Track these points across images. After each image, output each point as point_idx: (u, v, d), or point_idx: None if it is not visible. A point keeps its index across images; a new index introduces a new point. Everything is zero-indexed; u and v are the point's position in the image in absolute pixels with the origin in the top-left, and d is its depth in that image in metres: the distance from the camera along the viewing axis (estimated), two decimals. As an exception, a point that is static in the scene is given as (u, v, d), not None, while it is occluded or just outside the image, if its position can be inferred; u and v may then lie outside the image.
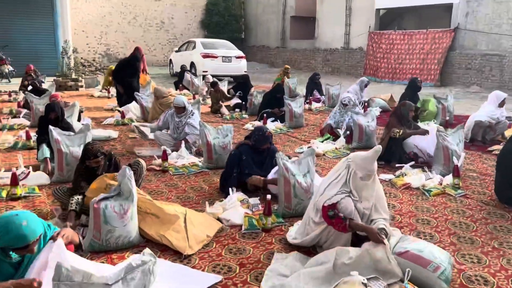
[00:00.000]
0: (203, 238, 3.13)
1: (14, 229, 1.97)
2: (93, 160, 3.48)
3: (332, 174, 2.92)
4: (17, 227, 1.97)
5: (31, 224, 2.03)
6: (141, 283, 1.83)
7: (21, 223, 1.98)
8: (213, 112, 9.05)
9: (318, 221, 2.87)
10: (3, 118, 7.50)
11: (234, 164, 4.13)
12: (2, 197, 3.95)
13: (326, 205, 2.74)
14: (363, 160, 2.77)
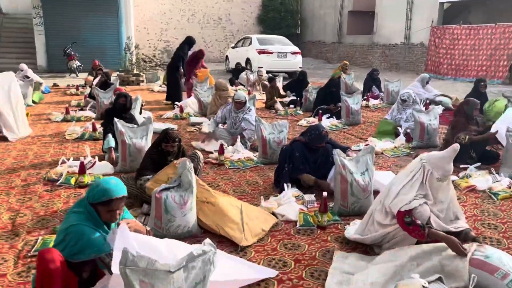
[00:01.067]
0: (258, 231, 3.16)
1: (102, 184, 2.23)
2: (170, 144, 3.66)
3: (404, 175, 2.79)
4: (106, 182, 2.25)
5: (119, 183, 2.27)
6: (201, 272, 1.88)
7: (109, 181, 2.26)
8: (267, 107, 9.08)
9: (385, 223, 2.78)
10: (71, 110, 7.97)
11: (285, 159, 4.13)
12: (71, 184, 4.21)
13: (403, 210, 2.61)
14: (440, 160, 2.66)
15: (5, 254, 2.87)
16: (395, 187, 2.76)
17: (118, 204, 2.24)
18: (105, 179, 2.32)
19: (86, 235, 2.17)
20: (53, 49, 15.70)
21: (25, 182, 4.32)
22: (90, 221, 2.23)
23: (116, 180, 2.30)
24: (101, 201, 2.20)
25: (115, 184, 2.25)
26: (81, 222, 2.19)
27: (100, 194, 2.20)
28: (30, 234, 3.16)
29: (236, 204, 3.33)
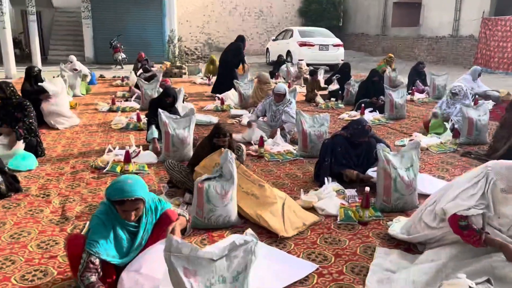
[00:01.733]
0: (299, 225, 3.16)
1: (119, 182, 2.18)
2: (222, 138, 3.70)
3: (465, 180, 2.61)
4: (123, 181, 2.18)
5: (135, 185, 2.17)
6: (243, 261, 1.90)
7: (127, 180, 2.19)
8: (307, 100, 8.99)
9: (433, 226, 2.67)
10: (117, 101, 8.23)
11: (326, 153, 4.08)
12: (117, 172, 4.35)
13: (459, 214, 2.46)
14: (508, 169, 2.41)
15: (56, 236, 3.01)
16: (453, 190, 2.60)
17: (131, 206, 2.17)
18: (124, 177, 2.23)
19: (93, 226, 2.19)
20: (100, 42, 16.28)
21: (74, 169, 4.51)
22: (110, 215, 2.23)
23: (133, 181, 2.20)
24: (114, 200, 2.17)
25: (130, 185, 2.15)
26: (99, 214, 2.22)
27: (114, 193, 2.15)
28: (78, 219, 3.30)
29: (280, 195, 3.34)
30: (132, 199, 2.14)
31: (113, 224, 2.23)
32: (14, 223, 3.21)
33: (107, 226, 2.21)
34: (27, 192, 3.80)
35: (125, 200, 2.13)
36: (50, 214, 3.39)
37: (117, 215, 2.23)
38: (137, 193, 2.16)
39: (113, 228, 2.24)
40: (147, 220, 2.34)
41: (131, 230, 2.29)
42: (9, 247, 2.84)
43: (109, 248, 2.19)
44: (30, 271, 2.56)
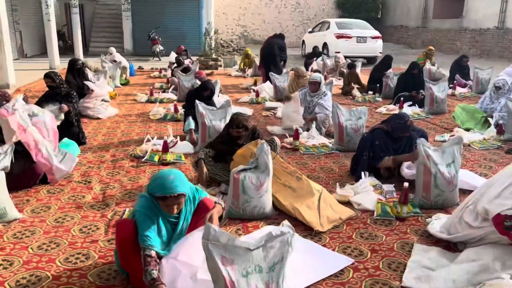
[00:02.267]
0: (335, 219, 3.13)
1: (161, 178, 2.21)
2: (235, 129, 3.71)
3: (506, 176, 2.52)
4: (164, 177, 2.21)
5: (176, 181, 2.20)
6: (279, 252, 1.91)
7: (169, 176, 2.21)
8: (343, 94, 8.86)
9: (475, 225, 2.58)
10: (155, 92, 8.40)
11: (365, 148, 3.99)
12: (155, 162, 4.45)
13: (503, 214, 2.38)
14: None
15: (97, 222, 3.12)
16: (494, 188, 2.50)
17: (173, 201, 2.22)
18: (165, 172, 2.25)
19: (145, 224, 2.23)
20: (138, 34, 16.63)
21: (114, 157, 4.65)
22: (152, 208, 2.28)
23: (175, 176, 2.22)
24: (157, 196, 2.21)
25: (172, 181, 2.18)
26: (143, 209, 2.26)
27: (157, 189, 2.19)
28: (118, 205, 3.41)
29: (317, 189, 3.32)
30: (174, 195, 2.19)
31: (156, 216, 2.29)
32: (58, 207, 3.35)
33: (152, 218, 2.26)
34: (70, 178, 3.95)
35: (168, 196, 2.18)
36: (92, 200, 3.52)
37: (159, 207, 2.29)
38: (179, 189, 2.20)
39: (156, 220, 2.29)
40: (186, 210, 2.39)
41: (172, 221, 2.35)
42: (54, 230, 2.97)
43: (158, 241, 2.26)
44: (73, 254, 2.66)
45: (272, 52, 9.19)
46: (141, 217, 2.25)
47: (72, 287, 2.33)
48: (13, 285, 2.33)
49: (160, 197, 2.20)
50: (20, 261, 2.57)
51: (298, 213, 3.09)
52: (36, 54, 17.02)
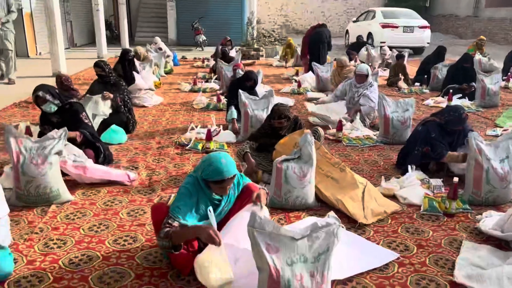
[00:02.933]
0: (379, 212, 3.07)
1: (215, 163, 2.26)
2: (277, 120, 3.70)
3: None
4: (217, 162, 2.26)
5: (229, 164, 2.28)
6: (325, 243, 1.89)
7: (221, 159, 2.28)
8: (388, 85, 8.62)
9: None
10: (198, 81, 8.51)
11: (420, 141, 3.84)
12: (198, 150, 4.53)
13: None
14: None
15: (144, 206, 3.22)
16: None
17: (229, 183, 2.30)
18: (216, 157, 2.29)
19: (179, 194, 2.32)
20: (182, 24, 16.86)
21: (159, 144, 4.77)
22: (197, 187, 2.34)
23: (226, 159, 2.29)
24: (214, 180, 2.27)
25: (226, 164, 2.25)
26: (187, 185, 2.34)
27: (213, 174, 2.24)
28: (164, 191, 3.50)
29: (361, 181, 3.26)
30: (231, 177, 2.27)
31: (198, 195, 2.34)
32: (107, 191, 3.48)
33: (192, 196, 2.33)
34: (118, 164, 4.09)
35: (225, 179, 2.26)
36: (139, 185, 3.63)
37: (204, 187, 2.34)
38: (233, 171, 2.28)
39: (197, 199, 2.35)
40: (229, 193, 2.44)
41: (215, 202, 2.39)
42: (103, 213, 3.10)
43: (190, 216, 2.30)
44: (122, 236, 2.77)
45: (322, 40, 9.05)
46: (182, 191, 2.33)
47: (121, 268, 2.42)
48: (66, 263, 2.45)
49: (217, 181, 2.28)
50: (73, 241, 2.70)
51: (341, 205, 3.05)
52: (85, 44, 17.65)
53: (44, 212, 3.07)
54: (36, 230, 2.82)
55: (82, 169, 3.49)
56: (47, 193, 3.16)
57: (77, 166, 3.48)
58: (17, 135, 3.18)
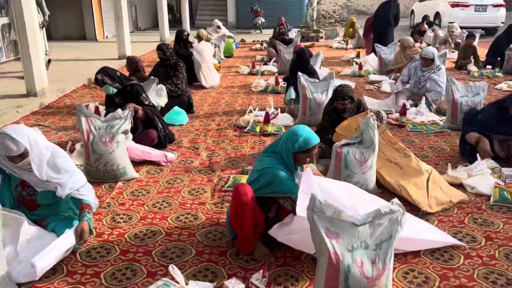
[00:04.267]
0: (444, 201, 2.92)
1: (303, 133, 2.36)
2: (340, 102, 3.61)
3: None
4: (304, 131, 2.37)
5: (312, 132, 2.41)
6: (387, 230, 1.83)
7: (305, 128, 2.41)
8: (457, 68, 8.12)
9: None
10: (256, 64, 8.52)
11: (466, 121, 3.67)
12: (256, 132, 4.55)
13: None
14: None
15: (204, 186, 3.31)
16: None
17: (316, 148, 2.40)
18: (299, 128, 2.41)
19: (280, 176, 2.32)
20: (241, 7, 16.90)
21: (219, 126, 4.85)
22: (282, 165, 2.37)
23: (308, 128, 2.42)
24: (305, 149, 2.34)
25: (311, 132, 2.40)
26: (275, 166, 2.35)
27: (305, 143, 2.33)
28: (223, 172, 3.56)
29: (426, 168, 3.12)
30: (318, 143, 2.38)
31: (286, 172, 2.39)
32: (169, 170, 3.61)
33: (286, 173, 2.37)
34: (179, 144, 4.22)
35: (314, 146, 2.36)
36: (199, 165, 3.72)
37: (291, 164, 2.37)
38: (318, 136, 2.41)
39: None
40: None
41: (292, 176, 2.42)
42: (166, 191, 3.22)
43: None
44: (183, 214, 2.86)
45: (388, 20, 8.66)
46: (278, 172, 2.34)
47: (183, 244, 2.51)
48: (131, 237, 2.58)
49: (309, 150, 2.35)
50: (138, 217, 2.83)
51: (405, 191, 2.94)
52: (148, 27, 18.25)
53: (111, 188, 3.25)
54: (104, 205, 2.99)
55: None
56: (114, 170, 3.33)
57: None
58: (88, 115, 3.37)
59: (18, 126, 2.34)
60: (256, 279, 2.12)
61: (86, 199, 2.44)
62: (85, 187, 2.47)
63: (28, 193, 2.40)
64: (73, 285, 2.13)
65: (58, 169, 2.35)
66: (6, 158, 2.25)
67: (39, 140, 2.32)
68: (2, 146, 2.19)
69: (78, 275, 2.21)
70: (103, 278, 2.18)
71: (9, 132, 2.19)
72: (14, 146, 2.19)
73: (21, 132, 2.23)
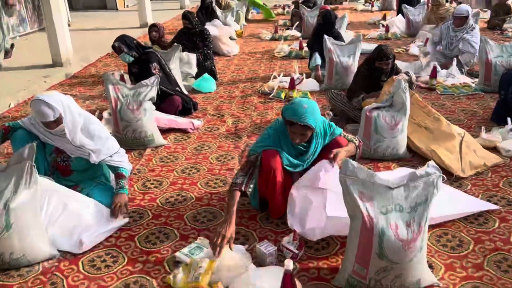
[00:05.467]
0: (479, 164, 2.85)
1: (296, 104, 2.20)
2: (384, 62, 3.49)
3: None
4: (299, 104, 2.19)
5: (308, 112, 2.15)
6: (423, 193, 1.79)
7: (303, 104, 2.19)
8: (490, 28, 7.76)
9: None
10: (279, 29, 8.33)
11: (502, 85, 3.49)
12: (281, 98, 4.50)
13: None
14: None
15: (231, 152, 3.31)
16: None
17: (298, 130, 2.18)
18: (302, 100, 2.22)
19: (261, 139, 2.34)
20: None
21: (243, 93, 4.81)
22: (282, 130, 2.31)
23: (309, 106, 2.17)
24: (286, 119, 2.21)
25: (304, 111, 2.14)
26: (272, 128, 2.34)
27: (287, 112, 2.19)
28: (249, 138, 3.55)
29: (458, 132, 3.03)
30: (301, 125, 2.16)
31: (280, 138, 2.31)
32: (196, 137, 3.62)
33: (273, 138, 2.31)
34: (204, 112, 4.21)
35: (295, 123, 2.17)
36: (225, 132, 3.72)
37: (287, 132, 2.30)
38: (307, 121, 2.15)
39: (280, 142, 2.32)
40: (316, 143, 2.37)
41: (300, 149, 2.36)
42: (194, 157, 3.24)
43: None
44: (212, 179, 2.88)
45: None
46: (264, 132, 2.35)
47: (213, 208, 2.53)
48: (163, 202, 2.62)
49: (288, 121, 2.21)
50: (168, 182, 2.87)
51: (436, 156, 2.86)
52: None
53: (140, 155, 3.29)
54: (134, 171, 3.03)
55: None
56: (142, 137, 3.36)
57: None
58: (115, 83, 3.37)
59: (52, 92, 2.37)
60: (287, 242, 2.13)
61: (120, 165, 2.47)
62: (119, 153, 2.50)
63: (62, 159, 2.45)
64: (109, 247, 2.19)
65: (91, 135, 2.38)
66: (42, 124, 2.29)
67: (72, 106, 2.34)
68: (38, 112, 2.22)
69: (113, 238, 2.27)
70: (138, 241, 2.24)
71: (44, 98, 2.22)
72: (50, 111, 2.22)
73: (55, 98, 2.26)
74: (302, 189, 2.25)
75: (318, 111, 2.25)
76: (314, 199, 2.21)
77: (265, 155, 2.29)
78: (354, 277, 1.85)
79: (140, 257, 2.11)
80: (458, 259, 2.05)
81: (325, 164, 2.22)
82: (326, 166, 2.20)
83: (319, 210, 2.17)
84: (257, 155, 2.29)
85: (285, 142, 2.33)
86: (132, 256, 2.12)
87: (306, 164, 2.38)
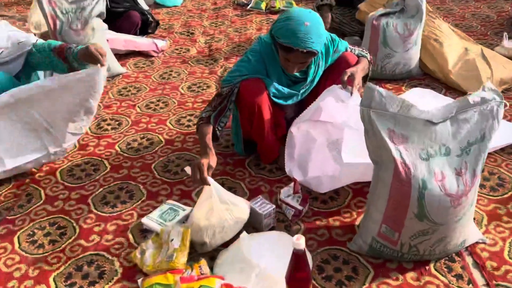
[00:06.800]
0: (509, 78, 2.35)
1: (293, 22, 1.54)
2: None
3: None
4: (297, 23, 1.53)
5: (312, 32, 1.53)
6: (478, 128, 1.29)
7: (304, 22, 1.54)
8: None
9: None
10: None
11: None
12: (262, 10, 3.84)
13: None
14: None
15: (206, 79, 2.71)
16: None
17: (298, 58, 1.59)
18: (300, 16, 1.54)
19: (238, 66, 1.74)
20: None
21: (215, 5, 4.10)
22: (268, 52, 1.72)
23: (311, 24, 1.54)
24: (280, 42, 1.57)
25: (306, 31, 1.52)
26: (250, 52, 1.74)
27: (284, 34, 1.55)
28: (227, 60, 2.94)
29: (474, 50, 2.47)
30: (303, 51, 1.55)
31: (266, 62, 1.72)
32: (162, 61, 2.98)
33: (256, 65, 1.71)
34: (170, 30, 3.51)
35: (294, 49, 1.55)
36: (197, 54, 3.08)
37: (275, 51, 1.70)
38: (313, 45, 1.54)
39: (266, 68, 1.73)
40: (316, 67, 1.78)
41: (295, 77, 1.77)
42: (160, 87, 2.63)
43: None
44: (184, 115, 2.32)
45: None
46: (247, 56, 1.73)
47: (188, 153, 2.00)
48: (124, 148, 2.06)
49: (283, 47, 1.58)
50: (129, 121, 2.29)
51: (450, 79, 2.34)
52: None
53: (94, 88, 2.65)
54: (87, 108, 2.42)
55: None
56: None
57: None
58: (49, -5, 2.61)
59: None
60: (286, 195, 1.65)
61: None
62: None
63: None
64: (54, 215, 1.67)
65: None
66: None
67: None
68: None
69: (60, 201, 1.74)
70: (92, 204, 1.71)
71: None
72: None
73: None
74: (303, 125, 1.72)
75: (322, 26, 1.62)
76: (318, 137, 1.70)
77: (244, 86, 1.69)
78: (379, 241, 1.40)
79: (95, 226, 1.60)
80: (501, 203, 1.63)
81: (336, 91, 1.66)
82: (339, 93, 1.65)
83: (325, 148, 1.67)
84: (231, 87, 1.70)
85: (273, 69, 1.73)
86: (85, 225, 1.61)
87: (302, 95, 1.82)
